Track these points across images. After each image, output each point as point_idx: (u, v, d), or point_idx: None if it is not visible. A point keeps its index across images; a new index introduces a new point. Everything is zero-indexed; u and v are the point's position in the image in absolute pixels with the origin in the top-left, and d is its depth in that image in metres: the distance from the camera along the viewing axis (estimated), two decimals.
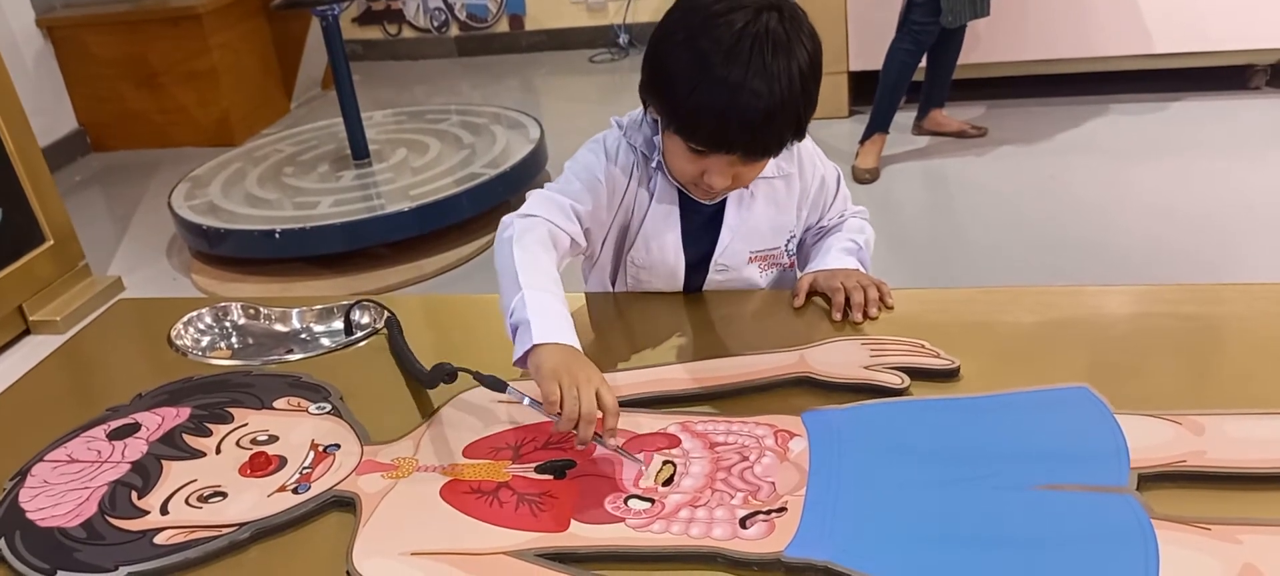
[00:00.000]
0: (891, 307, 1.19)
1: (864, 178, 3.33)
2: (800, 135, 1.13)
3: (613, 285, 1.32)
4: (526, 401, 0.98)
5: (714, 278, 1.28)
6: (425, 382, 1.11)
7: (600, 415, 0.92)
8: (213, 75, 4.40)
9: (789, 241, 1.30)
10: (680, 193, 1.23)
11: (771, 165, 1.24)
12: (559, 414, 0.91)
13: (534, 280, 1.05)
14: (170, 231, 3.50)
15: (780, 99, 1.04)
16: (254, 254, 3.14)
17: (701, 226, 1.26)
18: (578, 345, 0.99)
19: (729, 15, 1.05)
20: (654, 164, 1.22)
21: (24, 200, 2.96)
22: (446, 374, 1.08)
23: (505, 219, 1.15)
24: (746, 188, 1.23)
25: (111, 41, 4.37)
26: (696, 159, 1.12)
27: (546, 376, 0.94)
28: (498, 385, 1.02)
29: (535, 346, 0.97)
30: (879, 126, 3.38)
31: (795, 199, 1.29)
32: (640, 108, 1.21)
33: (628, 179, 1.23)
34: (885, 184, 3.35)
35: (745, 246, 1.27)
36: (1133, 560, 0.77)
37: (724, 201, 1.24)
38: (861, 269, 1.26)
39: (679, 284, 1.29)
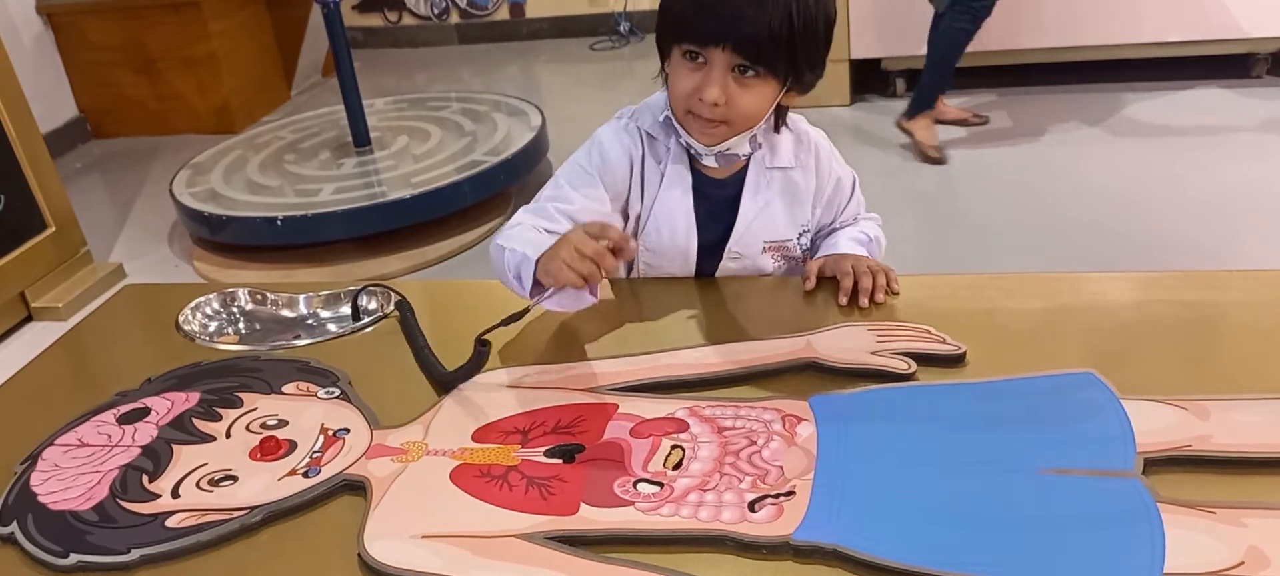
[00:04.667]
0: (897, 293, 1.19)
1: (934, 157, 3.26)
2: (801, 54, 1.13)
3: (627, 274, 1.33)
4: (549, 298, 1.09)
5: (727, 266, 1.29)
6: (463, 376, 1.09)
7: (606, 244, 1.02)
8: (213, 62, 4.39)
9: (802, 234, 1.31)
10: (694, 174, 1.24)
11: (788, 154, 1.26)
12: (584, 280, 1.01)
13: (514, 238, 1.15)
14: (171, 218, 3.50)
15: None
16: (256, 241, 3.14)
17: (717, 212, 1.27)
18: None
19: None
20: (666, 145, 1.23)
21: (25, 186, 2.96)
22: (480, 346, 1.10)
23: (491, 246, 1.21)
24: (762, 175, 1.25)
25: (111, 28, 4.36)
26: (693, 72, 1.14)
27: (551, 272, 1.05)
28: (516, 317, 1.10)
29: (537, 264, 1.08)
30: (927, 104, 3.33)
31: (811, 193, 1.29)
32: (653, 94, 1.23)
33: (631, 160, 1.24)
34: (886, 169, 3.35)
35: (760, 235, 1.28)
36: (1139, 543, 0.78)
37: (741, 188, 1.25)
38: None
39: (691, 269, 1.29)
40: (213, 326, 1.32)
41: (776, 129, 1.25)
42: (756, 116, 1.18)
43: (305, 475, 0.96)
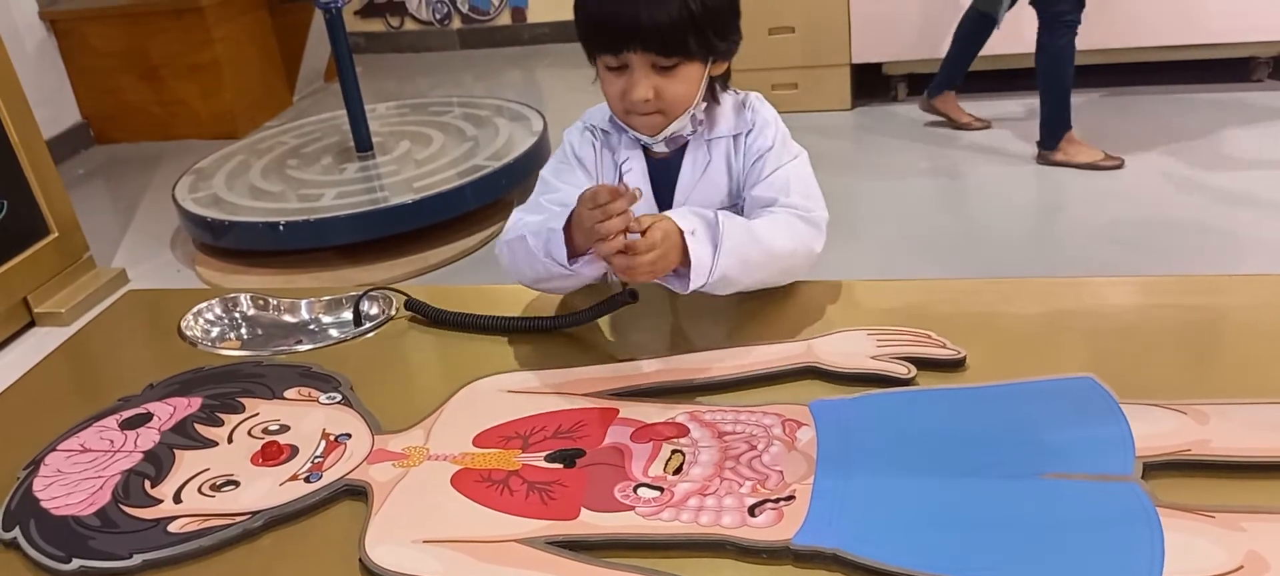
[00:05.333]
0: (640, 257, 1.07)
1: (1111, 165, 3.18)
2: (710, 31, 1.15)
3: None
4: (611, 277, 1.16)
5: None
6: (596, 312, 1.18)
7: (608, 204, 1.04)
8: (215, 67, 4.41)
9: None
10: (646, 159, 1.27)
11: (729, 121, 1.26)
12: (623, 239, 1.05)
13: (523, 229, 1.18)
14: (174, 224, 3.51)
15: None
16: (258, 246, 3.15)
17: (666, 190, 1.27)
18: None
19: None
20: (618, 139, 1.27)
21: (28, 192, 2.97)
22: (630, 297, 1.17)
23: (497, 248, 1.25)
24: (702, 145, 1.25)
25: (114, 34, 4.37)
26: (618, 77, 1.18)
27: (578, 233, 1.10)
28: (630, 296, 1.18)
29: (565, 232, 1.12)
30: (1063, 127, 3.23)
31: (753, 160, 1.27)
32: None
33: (596, 154, 1.28)
34: (887, 174, 3.35)
35: (704, 203, 1.23)
36: (1138, 547, 0.78)
37: (682, 162, 1.27)
38: (709, 245, 1.11)
39: None
40: (215, 332, 1.32)
41: (717, 100, 1.26)
42: (689, 98, 1.21)
43: (307, 480, 0.96)
